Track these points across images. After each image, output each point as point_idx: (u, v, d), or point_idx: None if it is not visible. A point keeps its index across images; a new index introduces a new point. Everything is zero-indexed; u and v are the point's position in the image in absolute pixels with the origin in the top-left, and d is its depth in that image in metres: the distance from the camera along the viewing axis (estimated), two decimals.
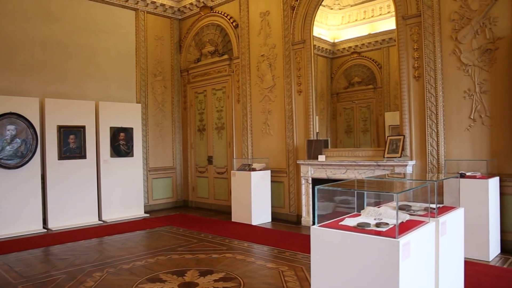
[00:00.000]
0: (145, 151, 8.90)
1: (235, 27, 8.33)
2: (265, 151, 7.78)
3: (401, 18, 5.93)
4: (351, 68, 7.38)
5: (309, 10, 7.04)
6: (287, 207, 7.40)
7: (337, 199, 6.20)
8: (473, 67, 5.28)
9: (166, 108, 9.48)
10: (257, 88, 7.93)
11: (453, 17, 5.43)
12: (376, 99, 7.06)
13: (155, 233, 6.63)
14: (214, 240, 5.98)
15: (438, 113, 5.53)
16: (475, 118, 5.27)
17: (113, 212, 7.96)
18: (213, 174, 9.04)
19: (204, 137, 9.25)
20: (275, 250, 5.35)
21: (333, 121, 7.57)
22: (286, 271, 4.39)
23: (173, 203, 9.52)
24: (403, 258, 2.20)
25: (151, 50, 9.19)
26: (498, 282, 3.96)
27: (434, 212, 2.84)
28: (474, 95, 5.27)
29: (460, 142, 5.40)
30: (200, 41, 9.38)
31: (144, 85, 8.99)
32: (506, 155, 5.03)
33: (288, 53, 7.33)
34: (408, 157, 5.80)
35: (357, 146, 7.10)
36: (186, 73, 9.62)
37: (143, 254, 5.24)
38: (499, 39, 5.07)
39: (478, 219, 4.68)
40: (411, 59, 5.84)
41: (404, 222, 2.56)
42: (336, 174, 6.45)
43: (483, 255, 4.68)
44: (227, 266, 4.64)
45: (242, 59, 8.15)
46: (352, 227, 2.42)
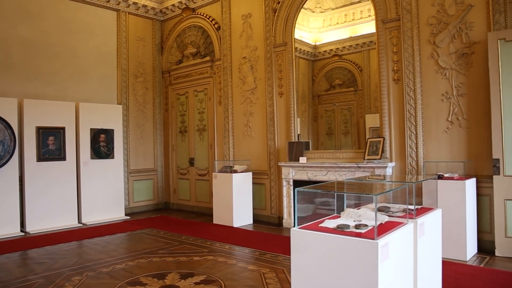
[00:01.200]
0: (126, 153, 8.78)
1: (217, 29, 8.31)
2: (246, 153, 7.78)
3: (381, 22, 6.01)
4: (332, 71, 7.45)
5: (291, 13, 7.08)
6: (269, 209, 7.41)
7: (317, 201, 6.25)
8: (451, 70, 5.39)
9: (148, 110, 9.39)
10: (238, 90, 7.93)
11: (431, 22, 5.54)
12: (357, 101, 7.14)
13: (136, 235, 6.55)
14: (195, 242, 5.94)
15: (417, 116, 5.63)
16: (453, 120, 5.39)
17: (93, 214, 7.82)
18: (194, 176, 8.99)
19: (186, 139, 9.19)
20: (257, 252, 5.35)
21: (315, 123, 7.62)
22: (267, 273, 4.39)
23: (154, 205, 9.42)
24: (382, 259, 2.22)
25: (132, 51, 9.09)
26: (475, 281, 4.05)
27: (413, 213, 2.89)
28: (452, 98, 5.39)
29: (438, 144, 5.51)
30: (182, 43, 9.33)
31: (125, 86, 8.88)
32: (482, 157, 5.15)
33: (270, 55, 7.35)
34: (388, 159, 5.89)
35: (338, 148, 7.17)
36: (168, 75, 9.55)
37: (123, 257, 5.17)
38: (475, 43, 5.19)
39: (456, 220, 4.78)
40: (390, 62, 5.93)
41: (383, 224, 2.59)
42: (317, 176, 6.50)
43: (460, 255, 4.77)
44: (208, 268, 4.61)
45: (224, 61, 8.13)
46: (332, 228, 2.43)
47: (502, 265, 4.55)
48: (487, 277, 4.15)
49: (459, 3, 5.30)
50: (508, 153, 4.81)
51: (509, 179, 4.80)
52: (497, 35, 4.87)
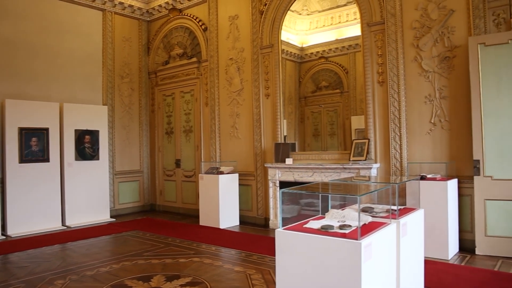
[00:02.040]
0: (111, 154, 8.70)
1: (204, 30, 8.31)
2: (233, 154, 7.79)
3: (366, 25, 6.09)
4: (319, 73, 7.51)
5: (277, 15, 7.12)
6: (255, 210, 7.43)
7: (302, 202, 6.28)
8: (433, 73, 5.50)
9: (134, 111, 9.32)
10: (225, 91, 7.93)
11: (415, 26, 5.63)
12: (343, 103, 7.22)
13: (121, 238, 6.50)
14: (181, 244, 5.92)
15: (401, 118, 5.72)
16: (435, 122, 5.49)
17: (78, 217, 7.73)
18: (181, 177, 8.96)
19: (172, 140, 9.16)
20: (243, 253, 5.36)
21: (301, 125, 7.67)
22: (253, 275, 4.40)
23: (140, 207, 9.35)
24: (365, 259, 2.26)
25: (118, 52, 9.02)
26: (457, 279, 4.13)
27: (396, 213, 2.94)
28: (434, 100, 5.49)
29: (421, 145, 5.60)
30: (168, 44, 9.29)
31: (111, 87, 8.81)
32: (463, 158, 5.26)
33: (257, 57, 7.38)
34: (373, 160, 5.96)
35: (325, 149, 7.23)
36: (154, 76, 9.50)
37: (108, 260, 5.12)
38: (457, 47, 5.31)
39: (438, 220, 4.87)
40: (375, 65, 6.02)
41: (366, 224, 2.63)
42: (303, 177, 6.54)
43: (442, 254, 4.86)
44: (194, 270, 4.61)
45: (211, 62, 8.13)
46: (316, 229, 2.47)
47: (482, 263, 4.66)
48: (468, 275, 4.24)
49: (442, 8, 5.41)
50: (488, 154, 4.93)
51: (489, 180, 4.92)
52: (477, 40, 4.99)
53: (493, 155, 4.91)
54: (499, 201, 4.88)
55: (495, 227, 4.89)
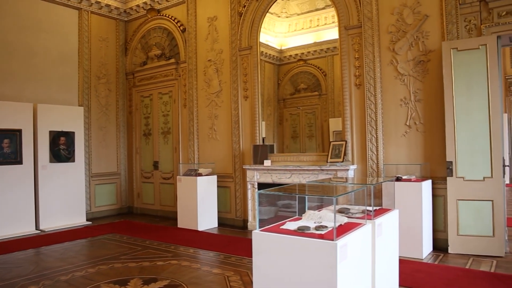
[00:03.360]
0: (87, 156, 8.54)
1: (183, 31, 8.26)
2: (211, 156, 7.76)
3: (344, 28, 6.18)
4: (297, 75, 7.57)
5: (256, 17, 7.14)
6: (234, 212, 7.42)
7: (280, 204, 6.32)
8: (409, 77, 5.62)
9: (111, 112, 9.17)
10: (203, 93, 7.90)
11: (391, 30, 5.75)
12: (321, 105, 7.29)
13: (97, 241, 6.38)
14: (159, 247, 5.86)
15: (377, 120, 5.82)
16: (411, 124, 5.61)
17: (52, 220, 7.54)
18: (159, 179, 8.87)
19: (150, 142, 9.06)
20: (221, 255, 5.34)
21: (280, 127, 7.72)
22: (231, 276, 4.40)
23: (117, 209, 9.20)
24: (340, 259, 2.29)
25: (95, 52, 8.86)
26: (430, 277, 4.23)
27: (371, 214, 2.99)
28: (410, 103, 5.61)
29: (397, 147, 5.71)
30: (146, 44, 9.19)
31: (87, 87, 8.65)
32: (437, 159, 5.39)
33: (235, 58, 7.38)
34: (350, 161, 6.04)
35: (303, 151, 7.29)
36: (132, 76, 9.38)
37: (84, 264, 5.02)
38: (431, 51, 5.44)
39: (413, 220, 4.98)
40: (352, 67, 6.11)
41: (342, 225, 2.67)
42: (282, 178, 6.57)
43: (417, 253, 4.97)
44: (172, 273, 4.56)
45: (189, 64, 8.09)
46: (292, 230, 2.48)
47: (454, 262, 4.78)
48: (441, 273, 4.35)
49: (416, 13, 5.54)
50: (460, 156, 5.07)
51: (461, 180, 5.06)
52: (450, 45, 5.13)
53: (465, 156, 5.06)
54: (470, 201, 5.03)
55: (467, 226, 5.04)
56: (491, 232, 4.93)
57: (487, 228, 4.94)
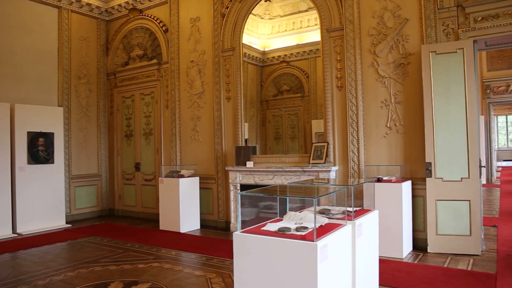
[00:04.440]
0: (67, 158, 8.39)
1: (165, 31, 8.20)
2: (193, 157, 7.72)
3: (326, 30, 6.23)
4: (280, 77, 7.60)
5: (239, 18, 7.15)
6: (216, 213, 7.40)
7: (261, 205, 6.33)
8: (389, 79, 5.70)
9: (91, 113, 9.04)
10: (186, 94, 7.86)
11: (372, 33, 5.83)
12: (304, 107, 7.34)
13: (77, 244, 6.27)
14: (140, 249, 5.80)
15: (358, 122, 5.89)
16: (391, 126, 5.69)
17: (30, 223, 7.37)
18: (140, 181, 8.77)
19: (132, 143, 8.95)
20: (203, 257, 5.32)
21: (263, 128, 7.73)
22: (213, 278, 4.38)
23: (98, 212, 9.07)
24: (321, 260, 2.31)
25: (75, 51, 8.72)
26: (410, 276, 4.30)
27: (351, 215, 3.02)
28: (390, 105, 5.69)
29: (378, 148, 5.79)
30: (128, 44, 9.09)
31: (67, 87, 8.50)
32: (417, 161, 5.49)
33: (218, 59, 7.36)
34: (332, 163, 6.10)
35: (286, 153, 7.31)
36: (113, 77, 9.26)
37: (62, 268, 4.93)
38: (411, 54, 5.54)
39: (393, 220, 5.05)
40: (334, 70, 6.16)
41: (323, 226, 2.68)
42: (264, 180, 6.58)
43: (397, 253, 5.04)
44: (154, 276, 4.52)
45: (172, 64, 8.04)
46: (273, 232, 2.49)
47: (433, 261, 4.87)
48: (420, 272, 4.43)
49: (397, 17, 5.63)
50: (438, 157, 5.17)
51: (439, 181, 5.16)
52: (429, 48, 5.23)
53: (443, 158, 5.16)
54: (448, 201, 5.13)
55: (445, 226, 5.14)
56: (468, 231, 5.04)
57: (465, 228, 5.05)
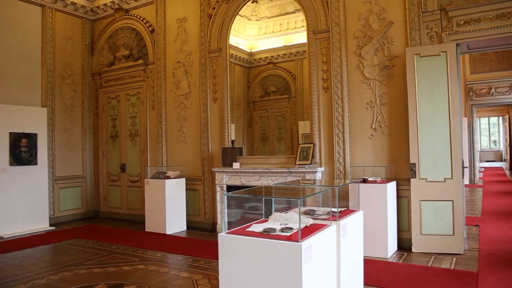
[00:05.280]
0: (51, 159, 8.26)
1: (151, 31, 8.15)
2: (180, 158, 7.68)
3: (312, 32, 6.27)
4: (267, 78, 7.62)
5: (226, 19, 7.14)
6: (202, 215, 7.37)
7: (247, 206, 6.32)
8: (374, 81, 5.76)
9: (76, 113, 8.92)
10: (172, 94, 7.82)
11: (357, 35, 5.88)
12: (291, 108, 7.37)
13: (61, 247, 6.18)
14: (126, 251, 5.74)
15: (344, 123, 5.93)
16: (376, 127, 5.75)
17: (12, 226, 7.23)
18: (126, 182, 8.69)
19: (117, 144, 8.87)
20: (190, 259, 5.29)
21: (250, 129, 7.73)
22: (200, 280, 4.36)
23: (82, 214, 8.95)
24: (305, 260, 2.32)
25: (59, 51, 8.60)
26: (394, 276, 4.35)
27: (336, 215, 3.04)
28: (375, 106, 5.75)
29: (363, 149, 5.84)
30: (114, 44, 9.01)
31: (51, 88, 8.37)
32: (401, 162, 5.55)
33: (204, 60, 7.35)
34: (318, 164, 6.13)
35: (273, 154, 7.32)
36: (98, 77, 9.17)
37: (45, 271, 4.85)
38: (395, 57, 5.61)
39: (378, 220, 5.11)
40: (320, 71, 6.20)
41: (308, 226, 2.70)
42: (250, 181, 6.58)
43: (382, 253, 5.10)
44: (139, 278, 4.48)
45: (158, 65, 7.98)
46: (258, 233, 2.49)
47: (417, 260, 4.94)
48: (405, 271, 4.48)
49: (382, 19, 5.70)
50: (423, 158, 5.25)
51: (424, 182, 5.24)
52: (413, 51, 5.31)
53: (427, 159, 5.23)
54: (432, 201, 5.21)
55: (429, 226, 5.22)
56: (451, 231, 5.12)
57: (448, 227, 5.13)
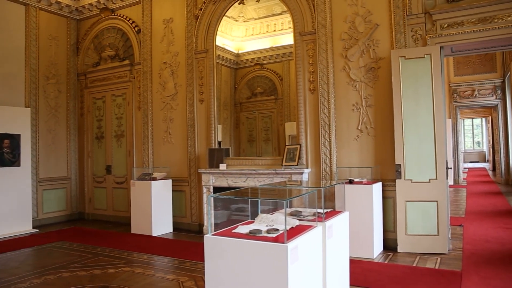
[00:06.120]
0: (35, 160, 8.13)
1: (137, 32, 8.08)
2: (166, 160, 7.64)
3: (299, 34, 6.30)
4: (254, 79, 7.62)
5: (213, 20, 7.13)
6: (189, 216, 7.33)
7: (233, 207, 6.31)
8: (360, 83, 5.81)
9: (60, 114, 8.79)
10: (159, 95, 7.77)
11: (343, 37, 5.93)
12: (277, 109, 7.38)
13: (44, 250, 6.08)
14: (111, 254, 5.67)
15: (330, 124, 5.97)
16: (362, 129, 5.80)
17: None
18: (111, 184, 8.59)
19: (103, 145, 8.77)
20: (176, 261, 5.25)
21: (236, 130, 7.72)
22: (186, 282, 4.34)
23: (67, 216, 8.82)
24: (291, 261, 2.32)
25: (44, 51, 8.47)
26: (380, 276, 4.39)
27: (322, 216, 3.05)
28: (361, 108, 5.80)
29: (349, 151, 5.89)
30: (99, 44, 8.91)
31: (34, 88, 8.24)
32: (387, 163, 5.61)
33: (191, 61, 7.32)
34: (304, 165, 6.15)
35: (259, 155, 7.32)
36: (84, 77, 9.05)
37: (28, 275, 4.76)
38: (381, 59, 5.67)
39: (364, 221, 5.14)
40: (307, 73, 6.23)
41: (294, 228, 2.70)
42: (237, 182, 6.57)
43: (368, 253, 5.13)
44: (125, 280, 4.43)
45: (144, 66, 7.92)
46: (244, 234, 2.49)
47: (403, 260, 4.99)
48: (390, 271, 4.52)
49: (368, 22, 5.75)
50: (408, 159, 5.31)
51: (409, 183, 5.30)
52: (398, 53, 5.37)
53: (412, 160, 5.30)
54: (417, 202, 5.27)
55: (414, 226, 5.27)
56: (436, 231, 5.19)
57: (433, 227, 5.20)
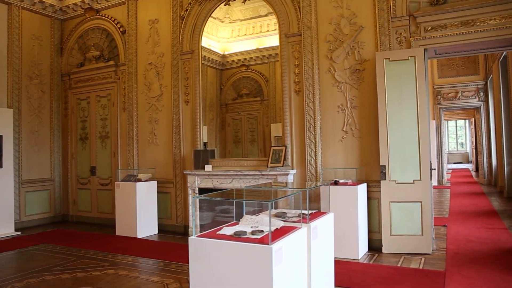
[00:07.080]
0: (17, 162, 7.98)
1: (122, 32, 8.01)
2: (151, 161, 7.58)
3: (284, 35, 6.32)
4: (240, 80, 7.62)
5: (198, 21, 7.10)
6: (174, 218, 7.28)
7: (218, 209, 6.30)
8: (345, 84, 5.86)
9: (44, 115, 8.66)
10: (144, 96, 7.71)
11: (329, 39, 5.97)
12: (263, 110, 7.40)
13: (27, 253, 5.97)
14: (95, 256, 5.60)
15: (315, 126, 6.00)
16: (347, 130, 5.85)
17: None
18: (96, 185, 8.49)
19: (87, 147, 8.66)
20: (161, 263, 5.22)
21: (222, 132, 7.71)
22: (171, 284, 4.31)
23: (50, 218, 8.68)
24: (276, 263, 2.33)
25: (27, 50, 8.33)
26: (365, 276, 4.42)
27: (306, 218, 3.07)
28: (346, 109, 5.85)
29: (334, 152, 5.93)
30: (84, 45, 8.80)
31: (17, 88, 8.09)
32: (371, 164, 5.67)
33: (176, 62, 7.28)
34: (290, 166, 6.17)
35: (245, 156, 7.33)
36: (68, 78, 8.93)
37: (9, 279, 4.67)
38: (366, 61, 5.72)
39: (349, 222, 5.18)
40: (292, 74, 6.26)
41: (278, 229, 2.71)
42: (223, 183, 6.56)
43: (353, 254, 5.17)
44: (109, 283, 4.38)
45: (129, 66, 7.86)
46: (229, 235, 2.49)
47: (388, 261, 5.04)
48: (375, 272, 4.56)
49: (353, 24, 5.81)
50: (392, 160, 5.37)
51: (393, 183, 5.36)
52: (383, 55, 5.43)
53: (396, 161, 5.36)
54: (401, 203, 5.33)
55: (399, 226, 5.33)
56: (420, 231, 5.25)
57: (417, 228, 5.27)
